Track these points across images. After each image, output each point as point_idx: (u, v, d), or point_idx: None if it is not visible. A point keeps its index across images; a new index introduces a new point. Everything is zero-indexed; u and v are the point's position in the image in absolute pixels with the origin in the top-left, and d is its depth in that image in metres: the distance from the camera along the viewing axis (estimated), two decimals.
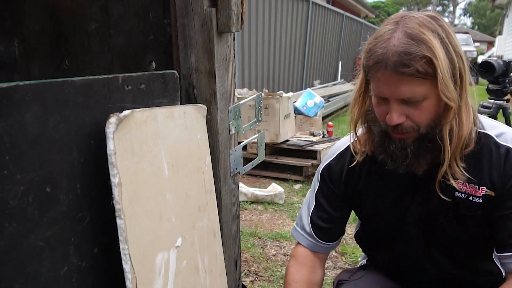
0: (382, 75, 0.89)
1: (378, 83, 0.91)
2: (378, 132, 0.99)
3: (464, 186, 0.98)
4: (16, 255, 0.67)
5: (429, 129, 0.93)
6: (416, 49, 0.85)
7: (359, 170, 1.12)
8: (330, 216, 1.18)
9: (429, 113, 0.91)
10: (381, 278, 1.20)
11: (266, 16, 6.61)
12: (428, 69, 0.86)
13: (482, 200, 0.98)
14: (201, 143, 1.03)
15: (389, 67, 0.87)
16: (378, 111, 0.96)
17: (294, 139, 4.23)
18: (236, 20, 1.03)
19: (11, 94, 0.65)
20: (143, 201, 0.83)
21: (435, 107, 0.91)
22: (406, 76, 0.86)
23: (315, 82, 9.12)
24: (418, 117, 0.92)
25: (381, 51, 0.88)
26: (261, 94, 1.30)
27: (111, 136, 0.76)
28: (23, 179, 0.68)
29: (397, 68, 0.86)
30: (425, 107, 0.90)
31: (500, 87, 3.19)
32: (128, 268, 0.77)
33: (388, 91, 0.90)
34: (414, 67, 0.85)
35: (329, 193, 1.17)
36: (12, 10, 1.34)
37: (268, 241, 2.71)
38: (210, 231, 1.04)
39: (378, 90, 0.93)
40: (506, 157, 0.95)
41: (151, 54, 1.14)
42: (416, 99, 0.89)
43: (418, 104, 0.90)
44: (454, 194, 0.99)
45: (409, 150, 0.95)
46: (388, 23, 0.92)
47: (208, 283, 1.02)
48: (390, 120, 0.92)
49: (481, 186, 0.97)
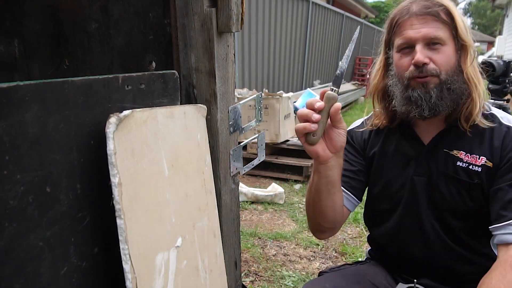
0: (408, 20, 1.04)
1: (404, 29, 1.05)
2: (400, 91, 1.08)
3: (466, 157, 1.07)
4: (16, 255, 0.67)
5: (448, 76, 1.03)
6: (435, 1, 1.03)
7: (378, 137, 1.22)
8: (353, 166, 1.23)
9: (449, 58, 1.03)
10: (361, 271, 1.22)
11: (266, 16, 6.61)
12: (447, 17, 1.02)
13: (481, 169, 1.05)
14: (201, 143, 1.03)
15: (415, 12, 1.03)
16: (401, 63, 1.07)
17: (294, 139, 4.23)
18: (236, 20, 1.03)
19: (11, 94, 0.65)
20: (143, 201, 0.83)
21: (453, 56, 1.04)
22: (430, 17, 1.02)
23: (315, 82, 9.12)
24: (440, 60, 1.03)
25: (405, 6, 1.06)
26: (261, 94, 1.30)
27: (111, 136, 0.76)
28: (23, 179, 0.68)
29: (422, 10, 1.02)
30: (446, 52, 1.03)
31: (500, 87, 3.19)
32: (128, 268, 0.77)
33: (415, 33, 1.03)
34: (436, 10, 1.01)
35: (351, 149, 1.25)
36: (12, 10, 1.34)
37: (268, 241, 2.71)
38: (210, 231, 1.04)
39: (404, 37, 1.05)
40: (506, 134, 1.05)
41: (151, 54, 1.14)
42: (439, 41, 1.02)
43: (439, 48, 1.02)
44: (456, 163, 1.08)
45: (433, 92, 1.04)
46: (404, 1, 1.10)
47: (208, 283, 1.02)
48: (417, 59, 1.02)
49: (481, 156, 1.06)
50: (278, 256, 2.52)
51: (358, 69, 12.49)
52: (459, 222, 1.09)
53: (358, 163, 1.23)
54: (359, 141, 1.25)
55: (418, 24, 1.02)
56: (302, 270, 2.37)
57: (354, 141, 1.26)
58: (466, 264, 1.10)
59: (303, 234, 2.82)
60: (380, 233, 1.23)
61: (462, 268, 1.11)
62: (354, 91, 9.49)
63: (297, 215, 3.15)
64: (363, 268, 1.25)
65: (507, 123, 1.07)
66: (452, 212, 1.09)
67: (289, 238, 2.74)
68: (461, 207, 1.07)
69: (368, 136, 1.24)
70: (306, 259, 2.50)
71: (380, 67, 1.16)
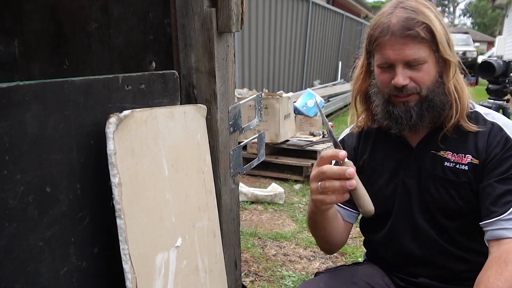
0: (388, 40, 1.01)
1: (384, 50, 1.02)
2: (381, 103, 1.08)
3: (453, 157, 1.08)
4: (16, 255, 0.67)
5: (429, 91, 1.03)
6: (416, 16, 0.99)
7: (366, 143, 1.22)
8: None
9: (430, 75, 1.03)
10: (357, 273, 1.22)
11: (266, 16, 6.61)
12: (428, 34, 0.99)
13: (468, 167, 1.06)
14: (201, 143, 1.03)
15: (395, 32, 0.99)
16: (382, 79, 1.06)
17: (294, 139, 4.23)
18: (236, 20, 1.03)
19: (11, 94, 0.65)
20: (143, 201, 0.83)
21: (434, 71, 1.03)
22: (410, 39, 0.98)
23: (315, 82, 9.12)
24: (421, 79, 1.02)
25: (386, 21, 1.01)
26: (261, 94, 1.30)
27: (111, 136, 0.76)
28: (23, 179, 0.68)
29: (402, 31, 0.98)
30: (426, 69, 1.02)
31: (500, 87, 3.19)
32: (128, 268, 0.77)
33: (394, 55, 1.01)
34: (416, 31, 0.98)
35: None
36: (12, 10, 1.34)
37: (268, 241, 2.71)
38: (210, 231, 1.04)
39: (384, 57, 1.03)
40: (490, 130, 1.06)
41: (151, 54, 1.14)
42: (419, 61, 1.00)
43: (420, 67, 1.01)
44: (444, 163, 1.08)
45: (413, 111, 1.04)
46: (386, 6, 1.06)
47: (208, 283, 1.02)
48: (397, 82, 1.02)
49: (467, 155, 1.06)
50: (278, 256, 2.52)
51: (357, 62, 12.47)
52: (451, 222, 1.09)
53: None
54: (350, 150, 1.24)
55: (398, 45, 1.00)
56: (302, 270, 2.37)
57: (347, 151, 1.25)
58: (462, 262, 1.11)
59: (303, 234, 2.82)
60: (376, 238, 1.23)
61: (458, 266, 1.11)
62: None
63: (297, 215, 3.15)
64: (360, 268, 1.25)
65: (491, 119, 1.07)
66: (443, 212, 1.09)
67: (289, 238, 2.74)
68: (452, 206, 1.08)
69: (357, 144, 1.24)
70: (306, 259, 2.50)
71: (362, 71, 1.15)
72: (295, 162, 3.96)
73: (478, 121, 1.08)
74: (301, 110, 4.70)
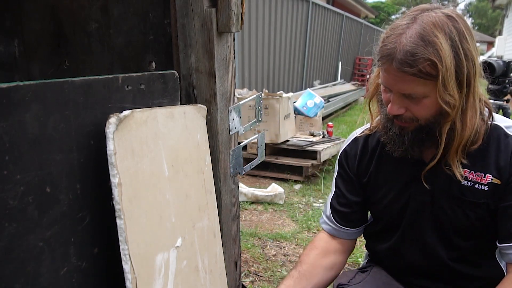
0: (387, 68, 0.94)
1: (384, 73, 0.96)
2: (384, 115, 1.04)
3: (470, 175, 1.00)
4: (16, 255, 0.67)
5: (429, 122, 0.96)
6: (422, 51, 0.88)
7: (372, 154, 1.16)
8: (348, 200, 1.20)
9: (429, 110, 0.95)
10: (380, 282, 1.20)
11: (266, 16, 6.61)
12: (432, 71, 0.88)
13: (488, 188, 0.98)
14: (201, 143, 1.03)
15: (395, 63, 0.90)
16: (384, 97, 1.01)
17: (294, 139, 4.23)
18: (236, 20, 1.03)
19: (11, 94, 0.65)
20: (143, 201, 0.83)
21: (435, 106, 0.93)
22: (408, 75, 0.90)
23: (315, 82, 9.12)
24: (418, 112, 0.96)
25: (391, 46, 0.92)
26: (261, 94, 1.30)
27: (111, 136, 0.76)
28: (23, 179, 0.68)
29: (401, 66, 0.89)
30: (425, 104, 0.94)
31: (500, 87, 3.19)
32: (128, 268, 0.77)
33: (391, 84, 0.95)
34: (417, 68, 0.88)
35: (347, 177, 1.21)
36: (12, 10, 1.34)
37: (268, 241, 2.71)
38: (210, 231, 1.04)
39: (383, 79, 0.98)
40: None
41: (151, 54, 1.14)
42: (416, 96, 0.93)
43: (418, 100, 0.94)
44: (461, 182, 1.00)
45: (406, 137, 0.99)
46: (406, 16, 0.95)
47: (208, 283, 1.02)
48: (389, 110, 0.98)
49: (487, 174, 0.99)
50: (278, 257, 2.52)
51: (358, 69, 12.50)
52: (465, 242, 1.05)
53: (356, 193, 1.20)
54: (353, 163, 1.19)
55: (395, 77, 0.92)
56: None
57: (349, 169, 1.20)
58: (470, 280, 1.09)
59: (303, 234, 2.82)
60: (379, 248, 1.21)
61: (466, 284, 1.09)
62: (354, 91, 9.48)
63: (297, 216, 3.15)
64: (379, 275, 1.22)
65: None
66: (458, 233, 1.05)
67: (289, 239, 2.74)
68: (468, 227, 1.03)
69: (361, 155, 1.17)
70: None
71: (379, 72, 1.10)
72: (295, 162, 3.96)
73: (496, 137, 0.99)
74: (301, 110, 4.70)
